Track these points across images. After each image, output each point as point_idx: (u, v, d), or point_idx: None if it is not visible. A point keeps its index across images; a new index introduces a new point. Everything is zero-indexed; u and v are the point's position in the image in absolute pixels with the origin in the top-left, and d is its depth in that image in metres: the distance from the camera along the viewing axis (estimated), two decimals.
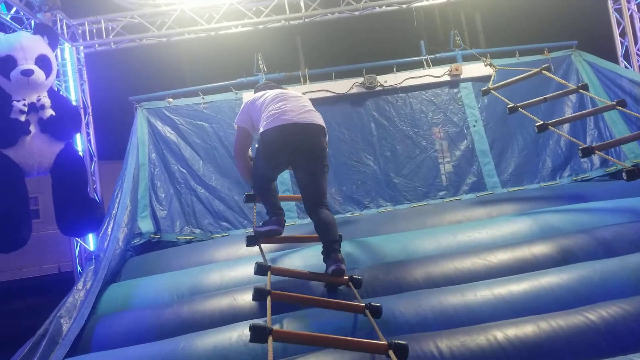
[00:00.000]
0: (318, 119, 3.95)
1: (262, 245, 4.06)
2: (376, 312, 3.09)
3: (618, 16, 7.31)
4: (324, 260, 3.69)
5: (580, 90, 5.24)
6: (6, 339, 4.71)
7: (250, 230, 4.56)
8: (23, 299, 8.99)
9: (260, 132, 3.93)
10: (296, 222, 5.90)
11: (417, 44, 6.88)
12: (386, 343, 2.64)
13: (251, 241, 4.05)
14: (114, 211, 5.22)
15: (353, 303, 3.20)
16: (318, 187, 3.84)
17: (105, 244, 4.83)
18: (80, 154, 6.53)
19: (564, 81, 5.55)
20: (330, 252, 3.64)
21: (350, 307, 3.17)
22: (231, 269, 4.27)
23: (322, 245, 3.78)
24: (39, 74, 5.42)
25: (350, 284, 3.51)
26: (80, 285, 4.36)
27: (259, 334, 2.61)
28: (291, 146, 3.81)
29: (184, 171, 6.23)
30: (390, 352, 2.59)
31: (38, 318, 4.12)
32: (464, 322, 3.06)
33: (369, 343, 2.71)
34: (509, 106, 5.05)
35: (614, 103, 4.85)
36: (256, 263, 3.59)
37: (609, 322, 2.84)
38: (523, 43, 7.02)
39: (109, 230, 5.02)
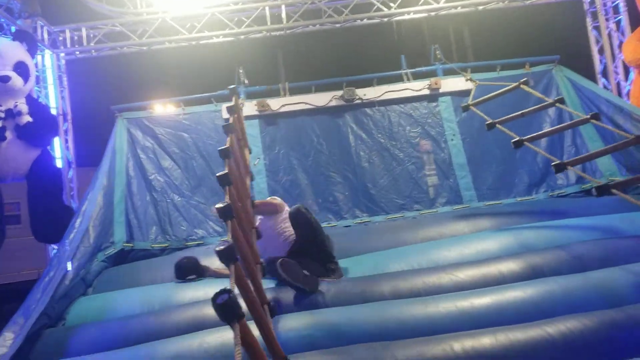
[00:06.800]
0: None
1: None
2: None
3: (597, 34, 7.42)
4: None
5: (557, 104, 5.24)
6: None
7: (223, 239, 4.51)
8: (1, 305, 8.88)
9: None
10: None
11: (399, 58, 6.92)
12: None
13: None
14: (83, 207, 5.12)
15: None
16: None
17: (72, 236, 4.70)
18: (59, 160, 6.52)
19: (542, 95, 5.54)
20: None
21: None
22: (204, 284, 4.26)
23: None
24: (17, 80, 5.42)
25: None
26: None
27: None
28: None
29: (161, 180, 6.23)
30: None
31: None
32: (425, 333, 3.06)
33: None
34: (487, 123, 5.03)
35: (589, 116, 4.89)
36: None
37: (566, 336, 2.85)
38: (511, 57, 6.99)
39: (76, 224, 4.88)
